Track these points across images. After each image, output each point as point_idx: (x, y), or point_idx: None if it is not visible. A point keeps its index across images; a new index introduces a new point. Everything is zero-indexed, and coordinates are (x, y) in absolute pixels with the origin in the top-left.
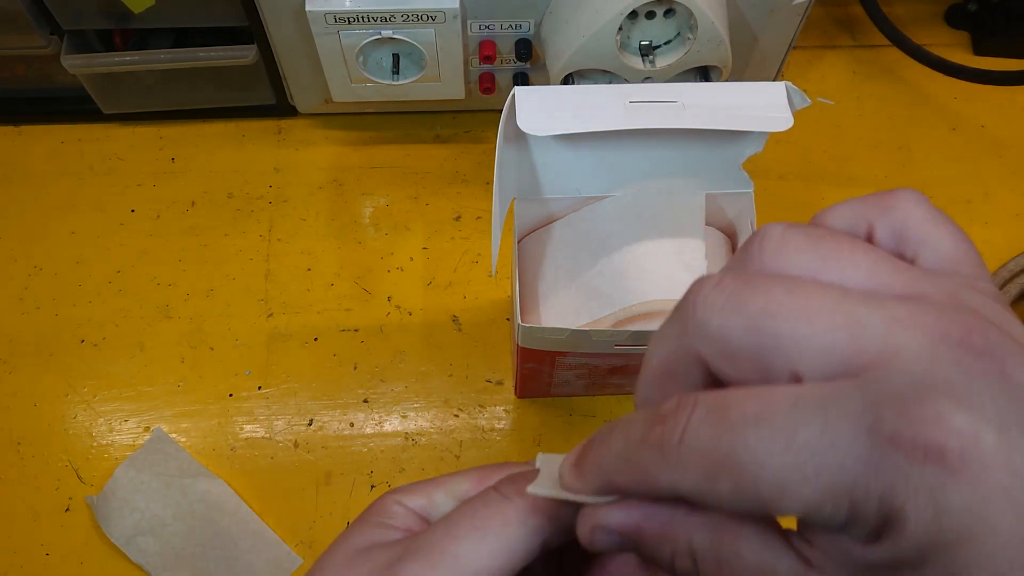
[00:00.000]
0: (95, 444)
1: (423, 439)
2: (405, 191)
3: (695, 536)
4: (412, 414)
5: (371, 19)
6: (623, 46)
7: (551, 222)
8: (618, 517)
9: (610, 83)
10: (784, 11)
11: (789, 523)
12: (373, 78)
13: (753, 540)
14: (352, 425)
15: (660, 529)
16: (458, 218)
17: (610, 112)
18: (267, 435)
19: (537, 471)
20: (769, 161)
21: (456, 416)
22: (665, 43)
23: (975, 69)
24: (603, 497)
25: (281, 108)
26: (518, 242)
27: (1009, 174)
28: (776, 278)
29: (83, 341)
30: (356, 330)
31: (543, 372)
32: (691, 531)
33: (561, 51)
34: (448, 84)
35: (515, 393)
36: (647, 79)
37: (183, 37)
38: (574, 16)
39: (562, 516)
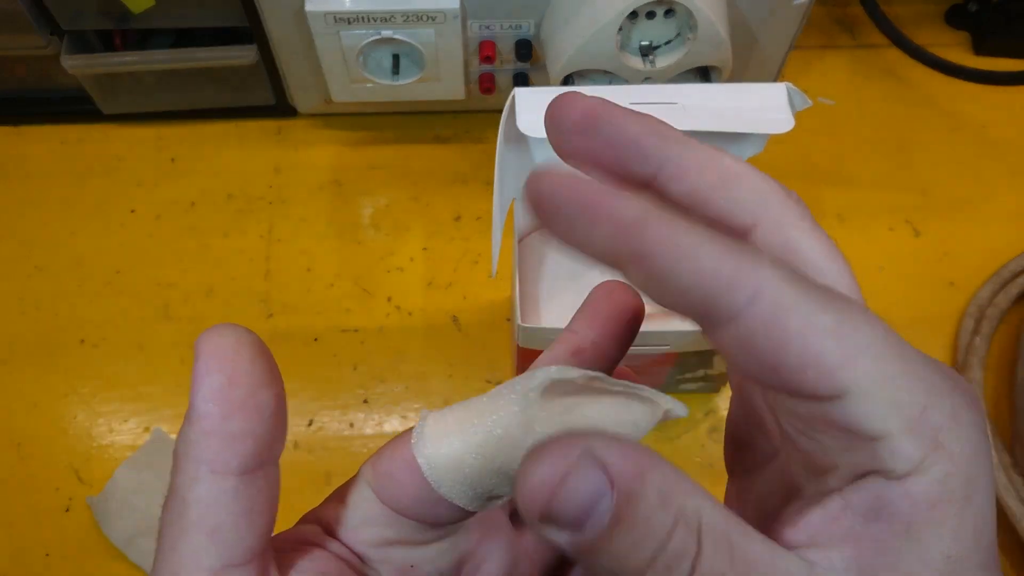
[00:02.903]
0: (95, 444)
1: None
2: (405, 191)
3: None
4: (412, 415)
5: (371, 19)
6: (623, 46)
7: None
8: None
9: (610, 83)
10: (784, 11)
11: None
12: (373, 78)
13: None
14: (352, 425)
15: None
16: (458, 218)
17: None
18: None
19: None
20: (769, 161)
21: None
22: (665, 43)
23: (975, 69)
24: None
25: (281, 108)
26: (518, 242)
27: (1009, 174)
28: None
29: (83, 341)
30: (356, 330)
31: None
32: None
33: (561, 51)
34: (448, 84)
35: None
36: (647, 79)
37: (183, 37)
38: (574, 16)
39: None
